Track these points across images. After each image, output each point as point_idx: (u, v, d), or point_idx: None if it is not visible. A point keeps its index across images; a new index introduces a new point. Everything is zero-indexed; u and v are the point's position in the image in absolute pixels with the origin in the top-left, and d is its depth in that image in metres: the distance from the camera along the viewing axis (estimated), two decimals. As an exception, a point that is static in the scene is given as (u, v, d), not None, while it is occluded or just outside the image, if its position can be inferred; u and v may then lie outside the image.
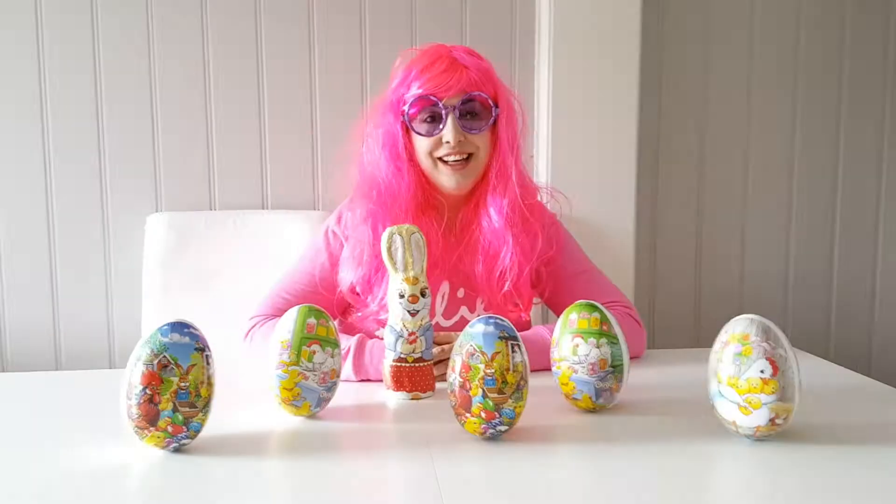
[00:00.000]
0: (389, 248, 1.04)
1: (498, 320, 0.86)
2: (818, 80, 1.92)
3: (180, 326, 0.82)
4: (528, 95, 1.79)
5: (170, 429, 0.81)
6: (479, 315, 1.23)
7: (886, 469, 0.79)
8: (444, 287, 1.25)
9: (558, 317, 1.32)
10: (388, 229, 1.05)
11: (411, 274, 1.04)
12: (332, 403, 0.97)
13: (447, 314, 1.25)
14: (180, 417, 0.81)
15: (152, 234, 1.66)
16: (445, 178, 1.22)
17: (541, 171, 1.78)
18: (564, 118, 1.74)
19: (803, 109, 1.93)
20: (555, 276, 1.28)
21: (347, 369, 1.12)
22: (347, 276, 1.22)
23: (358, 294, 1.23)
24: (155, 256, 1.64)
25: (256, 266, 1.63)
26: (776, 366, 0.82)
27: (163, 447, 0.83)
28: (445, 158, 1.21)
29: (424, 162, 1.22)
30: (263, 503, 0.73)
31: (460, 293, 1.25)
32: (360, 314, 1.24)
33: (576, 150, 1.75)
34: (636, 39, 1.73)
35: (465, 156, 1.21)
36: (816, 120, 1.93)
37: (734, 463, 0.82)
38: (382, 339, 1.09)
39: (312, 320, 0.93)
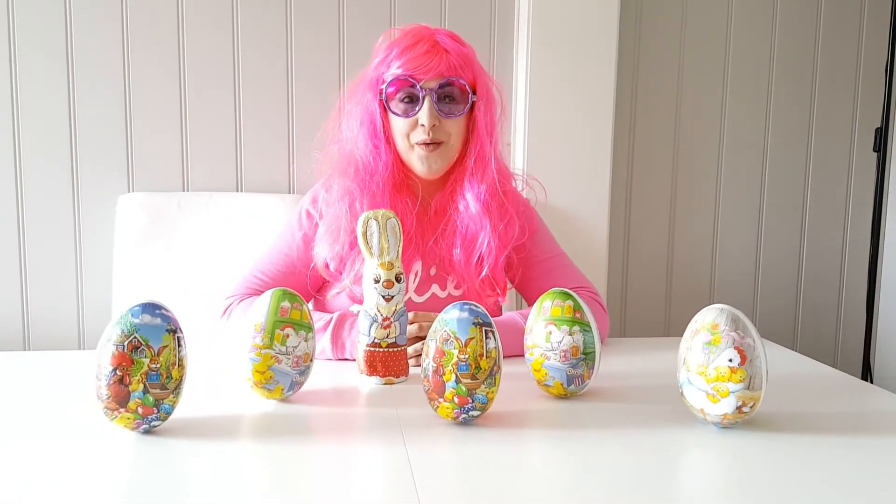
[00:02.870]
0: (365, 233, 1.04)
1: (472, 306, 0.86)
2: (791, 76, 1.95)
3: (152, 307, 0.81)
4: (506, 83, 1.79)
5: (140, 410, 0.80)
6: (449, 293, 1.25)
7: (850, 457, 0.81)
8: (417, 265, 1.25)
9: (526, 300, 1.34)
10: (364, 214, 1.04)
11: (386, 259, 1.03)
12: (304, 387, 0.97)
13: (419, 291, 1.26)
14: (151, 399, 0.80)
15: (124, 215, 1.64)
16: (418, 162, 1.22)
17: (517, 159, 1.78)
18: (541, 106, 1.75)
19: (776, 101, 1.95)
20: (525, 262, 1.29)
21: (325, 342, 1.13)
22: (322, 251, 1.21)
23: (332, 270, 1.23)
24: (126, 237, 1.62)
25: (229, 248, 1.62)
26: (744, 355, 0.83)
27: (133, 429, 0.82)
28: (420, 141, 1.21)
29: (400, 144, 1.22)
30: (234, 486, 0.73)
31: (432, 271, 1.26)
32: (335, 291, 1.24)
33: (552, 139, 1.76)
34: (614, 29, 1.74)
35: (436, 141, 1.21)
36: (789, 114, 1.96)
37: (701, 450, 0.83)
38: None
39: (286, 304, 0.93)
